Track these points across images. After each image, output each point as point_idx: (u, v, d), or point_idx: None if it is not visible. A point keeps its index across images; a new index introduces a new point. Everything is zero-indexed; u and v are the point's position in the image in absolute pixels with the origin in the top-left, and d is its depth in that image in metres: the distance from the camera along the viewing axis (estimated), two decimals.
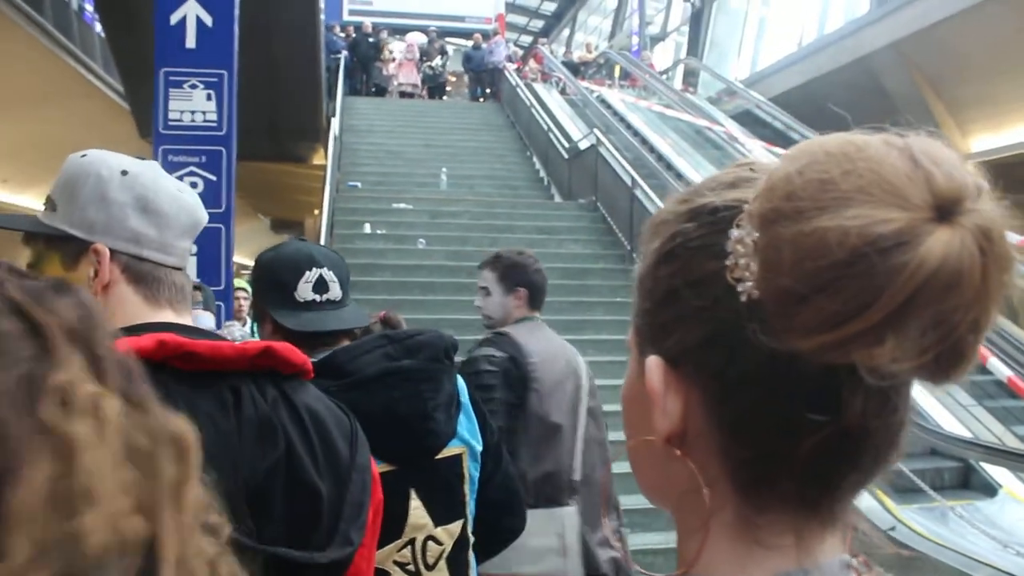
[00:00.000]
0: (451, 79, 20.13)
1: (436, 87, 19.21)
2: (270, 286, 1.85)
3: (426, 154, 13.30)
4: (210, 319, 2.37)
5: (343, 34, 18.45)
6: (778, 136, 13.22)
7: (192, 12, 5.21)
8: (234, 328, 5.00)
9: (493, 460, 1.97)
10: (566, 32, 34.59)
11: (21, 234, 1.28)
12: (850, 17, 15.04)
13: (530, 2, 35.01)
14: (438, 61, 19.01)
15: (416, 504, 1.78)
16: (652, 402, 0.57)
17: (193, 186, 5.18)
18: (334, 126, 12.07)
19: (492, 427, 2.00)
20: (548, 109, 14.42)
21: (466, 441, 1.89)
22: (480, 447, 1.92)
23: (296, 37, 10.42)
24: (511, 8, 31.97)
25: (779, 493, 0.55)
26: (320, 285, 1.82)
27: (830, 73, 13.82)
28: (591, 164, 10.93)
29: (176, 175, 5.17)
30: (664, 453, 0.57)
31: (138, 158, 1.32)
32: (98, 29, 14.02)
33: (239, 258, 12.24)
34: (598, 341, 7.98)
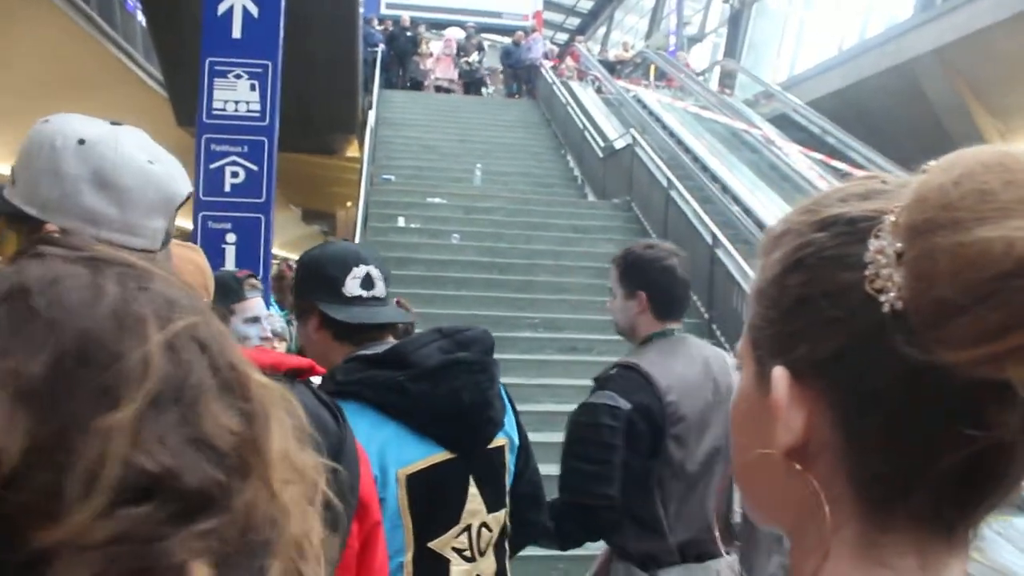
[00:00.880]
0: (487, 75, 20.16)
1: (472, 83, 19.24)
2: (319, 281, 1.86)
3: (461, 149, 13.32)
4: (258, 306, 2.38)
5: (381, 27, 18.52)
6: (815, 140, 13.10)
7: (239, 2, 5.22)
8: (275, 319, 5.02)
9: (525, 455, 2.02)
10: (602, 30, 34.51)
11: None
12: (892, 22, 14.87)
13: (567, 0, 34.97)
14: (475, 57, 19.03)
15: (474, 491, 1.84)
16: (774, 414, 0.56)
17: (234, 176, 5.23)
18: (370, 119, 12.12)
19: (522, 424, 2.06)
20: (584, 107, 14.39)
21: (508, 433, 1.95)
22: (518, 441, 1.99)
23: (335, 29, 10.46)
24: (548, 5, 31.92)
25: (911, 511, 0.53)
26: (367, 281, 1.85)
27: (870, 78, 13.68)
28: (626, 163, 10.89)
29: (219, 164, 5.22)
30: (784, 468, 0.56)
31: (111, 123, 1.19)
32: (140, 18, 14.15)
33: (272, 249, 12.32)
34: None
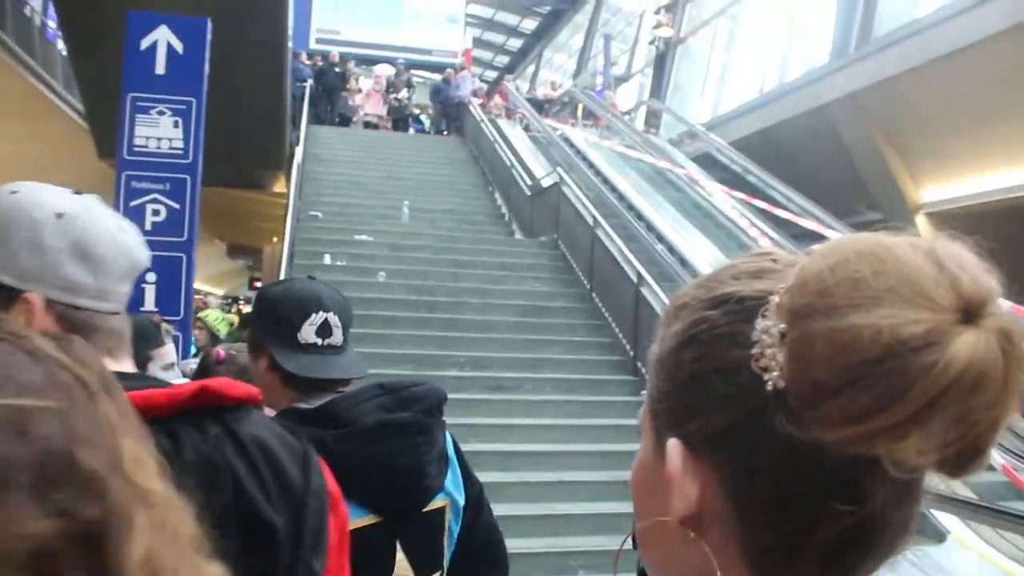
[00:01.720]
0: (428, 108, 20.27)
1: (401, 119, 19.27)
2: (273, 322, 1.81)
3: (389, 186, 13.30)
4: (172, 353, 2.34)
5: (309, 62, 18.45)
6: (736, 179, 13.42)
7: (163, 38, 5.17)
8: (189, 363, 4.93)
9: (474, 510, 1.94)
10: (531, 69, 34.96)
11: None
12: (810, 66, 15.38)
13: (496, 38, 35.40)
14: (404, 94, 19.09)
15: (401, 556, 1.77)
16: (670, 484, 0.58)
17: (156, 213, 5.15)
18: (297, 154, 12.03)
19: (474, 478, 1.98)
20: (511, 145, 14.51)
21: (450, 494, 1.87)
22: (463, 501, 1.90)
23: (262, 63, 10.39)
24: (478, 43, 32.30)
25: None
26: (324, 329, 1.79)
27: (789, 120, 14.09)
28: (553, 201, 11.00)
29: (139, 202, 5.13)
30: (678, 535, 0.58)
31: (75, 193, 1.23)
32: (60, 47, 13.87)
33: (195, 284, 12.06)
34: (556, 379, 8.01)
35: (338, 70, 18.57)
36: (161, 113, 5.14)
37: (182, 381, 2.40)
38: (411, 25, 24.57)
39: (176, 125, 5.14)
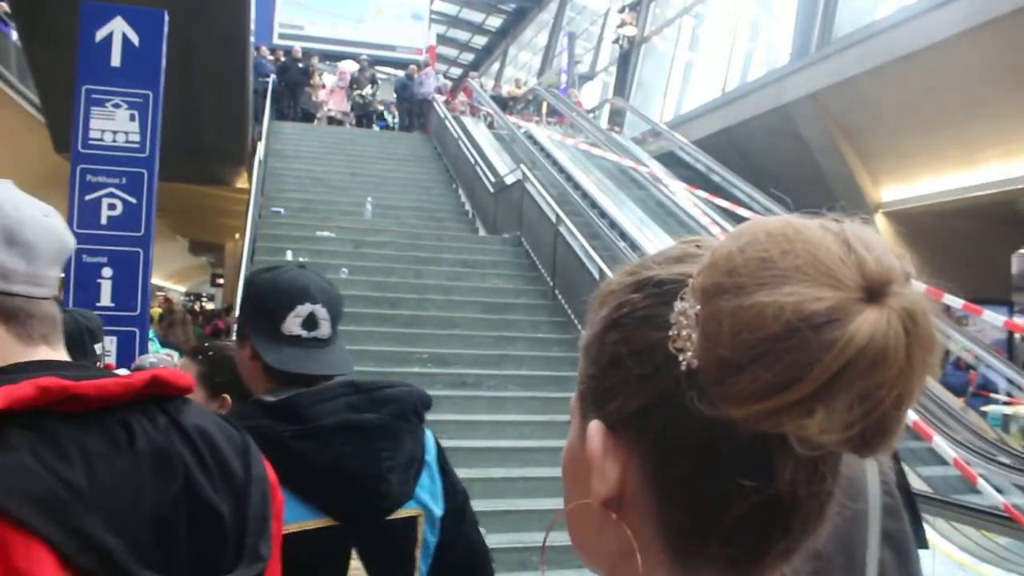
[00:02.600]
0: (392, 104, 20.18)
1: (365, 115, 19.18)
2: (257, 311, 1.76)
3: (352, 182, 13.25)
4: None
5: (272, 57, 18.30)
6: (699, 178, 13.53)
7: (119, 29, 5.08)
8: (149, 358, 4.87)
9: (454, 523, 1.82)
10: (496, 66, 34.96)
11: None
12: (772, 66, 15.53)
13: (461, 35, 35.35)
14: (368, 90, 18.99)
15: (356, 565, 1.67)
16: (591, 466, 0.59)
17: (112, 208, 5.07)
18: (259, 150, 11.93)
19: (460, 489, 1.86)
20: (475, 142, 14.51)
21: (424, 504, 1.75)
22: (440, 511, 1.79)
23: (223, 57, 10.27)
24: (442, 40, 32.22)
25: (710, 557, 0.57)
26: (310, 321, 1.73)
27: (751, 119, 14.23)
28: (516, 199, 11.02)
29: (95, 196, 5.05)
30: (600, 517, 0.59)
31: None
32: (14, 38, 13.62)
33: (154, 280, 11.93)
34: (518, 376, 8.02)
35: (301, 65, 18.45)
36: (117, 106, 5.04)
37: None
38: (375, 21, 24.45)
39: (132, 118, 5.04)
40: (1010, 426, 8.08)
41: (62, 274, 1.30)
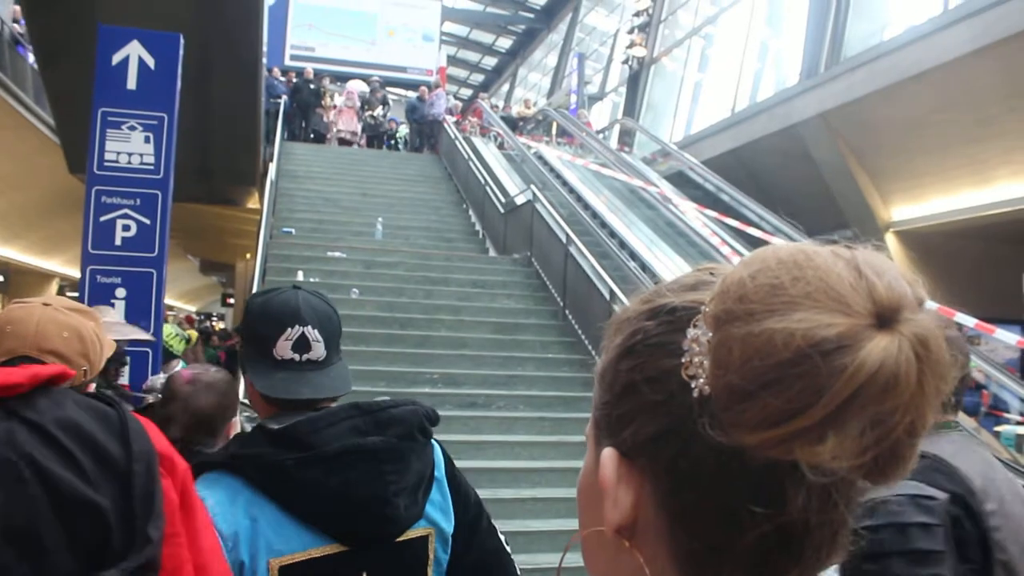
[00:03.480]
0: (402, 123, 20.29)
1: (376, 136, 19.28)
2: (250, 337, 1.74)
3: (362, 203, 13.29)
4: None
5: (284, 78, 18.43)
6: (709, 198, 13.53)
7: (135, 53, 5.15)
8: (156, 378, 4.91)
9: (468, 535, 1.80)
10: (506, 87, 35.13)
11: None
12: (781, 86, 15.56)
13: (471, 56, 35.56)
14: (379, 111, 19.10)
15: None
16: (604, 492, 0.59)
17: (126, 229, 5.12)
18: (271, 171, 12.00)
19: (472, 499, 1.83)
20: (485, 163, 14.56)
21: (434, 522, 1.73)
22: (451, 528, 1.76)
23: (238, 79, 10.37)
24: (453, 61, 32.43)
25: None
26: (301, 344, 1.69)
27: (761, 139, 14.23)
28: (527, 219, 11.04)
29: (109, 217, 5.10)
30: (614, 544, 0.59)
31: None
32: (31, 60, 13.77)
33: (164, 300, 12.01)
34: (529, 396, 8.01)
35: (313, 87, 18.58)
36: (132, 128, 5.11)
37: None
38: (386, 42, 24.63)
39: (147, 140, 5.10)
40: (1023, 446, 8.02)
41: None
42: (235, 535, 1.54)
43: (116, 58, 5.17)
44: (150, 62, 5.19)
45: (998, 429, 8.23)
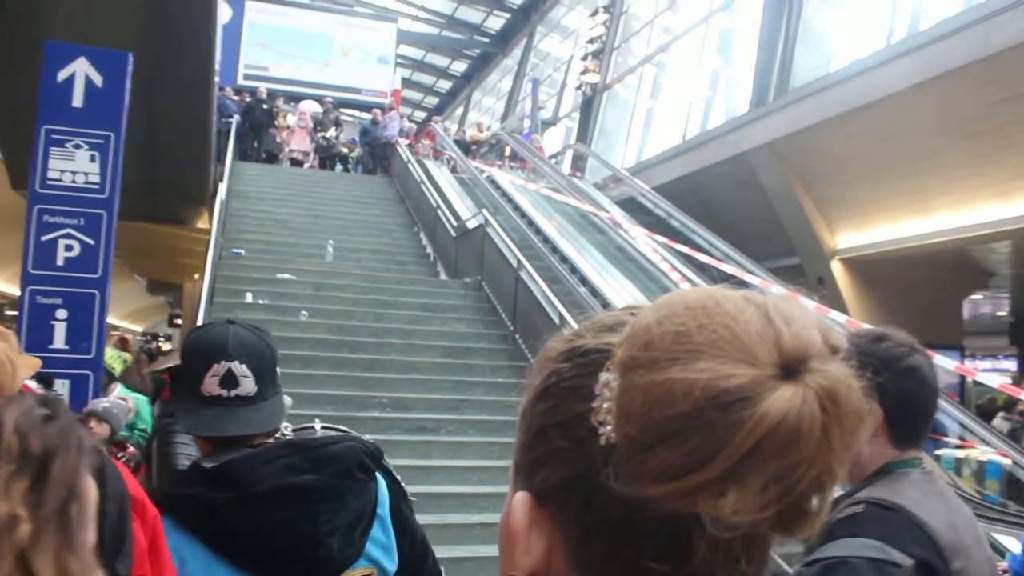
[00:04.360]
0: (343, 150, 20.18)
1: (328, 157, 19.19)
2: (183, 373, 1.71)
3: (313, 225, 13.20)
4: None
5: (237, 98, 18.28)
6: (660, 223, 13.70)
7: (82, 70, 5.04)
8: (99, 402, 4.82)
9: (412, 574, 1.78)
10: (460, 111, 35.24)
11: None
12: (731, 114, 15.84)
13: (426, 79, 35.64)
14: (332, 132, 19.02)
15: None
16: (516, 538, 0.57)
17: (68, 249, 5.01)
18: (221, 190, 11.87)
19: (418, 538, 1.82)
20: (438, 186, 14.57)
21: (376, 561, 1.69)
22: (395, 567, 1.73)
23: (187, 97, 10.24)
24: (407, 83, 32.47)
25: None
26: (228, 380, 1.65)
27: (711, 166, 14.46)
28: (478, 243, 11.05)
29: (51, 236, 4.99)
30: None
31: None
32: None
33: (110, 319, 11.74)
34: (478, 421, 7.99)
35: (266, 107, 18.45)
36: (77, 147, 4.99)
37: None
38: (341, 64, 24.54)
39: (93, 159, 4.99)
40: (963, 469, 8.18)
41: None
42: None
43: (62, 75, 5.06)
44: (97, 80, 5.09)
45: (938, 453, 8.39)
